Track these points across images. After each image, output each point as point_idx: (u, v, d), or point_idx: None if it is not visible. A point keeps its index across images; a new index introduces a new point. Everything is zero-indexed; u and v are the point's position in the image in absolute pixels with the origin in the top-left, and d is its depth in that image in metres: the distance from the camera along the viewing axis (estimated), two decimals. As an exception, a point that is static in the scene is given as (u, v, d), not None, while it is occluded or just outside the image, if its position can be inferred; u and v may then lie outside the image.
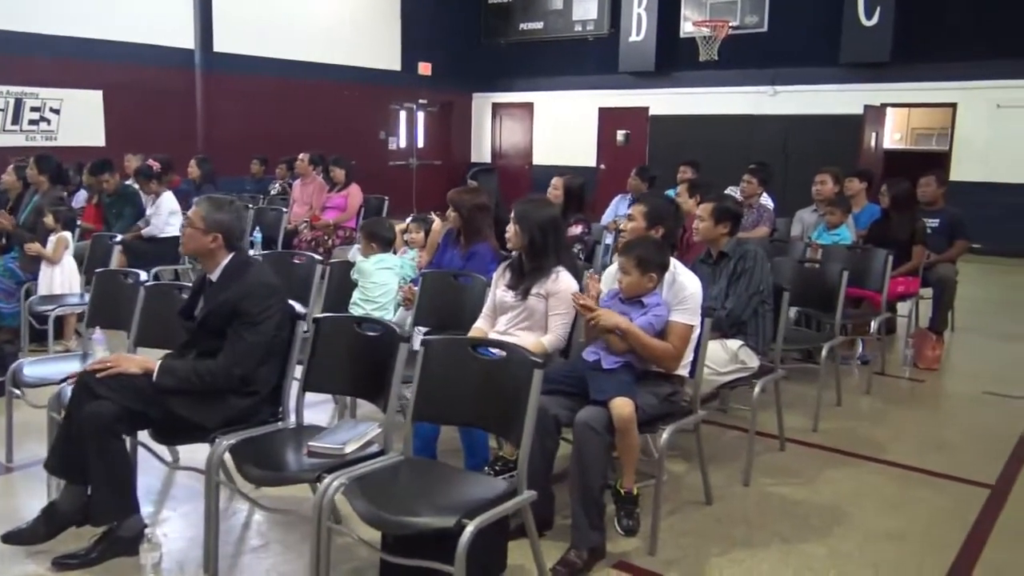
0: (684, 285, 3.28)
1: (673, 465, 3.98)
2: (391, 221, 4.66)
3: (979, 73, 11.76)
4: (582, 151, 15.80)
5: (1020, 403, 5.16)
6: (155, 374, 2.97)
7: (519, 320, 3.58)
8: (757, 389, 3.84)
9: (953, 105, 12.34)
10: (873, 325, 5.40)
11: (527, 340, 3.45)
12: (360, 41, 14.95)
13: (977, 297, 8.40)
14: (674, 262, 3.35)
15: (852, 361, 5.87)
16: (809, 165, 7.15)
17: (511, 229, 3.60)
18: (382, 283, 4.29)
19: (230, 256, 3.14)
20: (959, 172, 12.20)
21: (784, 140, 13.28)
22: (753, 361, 3.93)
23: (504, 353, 2.76)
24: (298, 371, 3.17)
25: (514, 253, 3.68)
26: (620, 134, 15.55)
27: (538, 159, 16.63)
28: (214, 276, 3.14)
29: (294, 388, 3.16)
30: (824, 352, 4.55)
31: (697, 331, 3.31)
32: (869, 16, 12.24)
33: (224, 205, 3.13)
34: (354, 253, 4.77)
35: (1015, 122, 11.74)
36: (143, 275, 3.93)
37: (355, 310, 4.25)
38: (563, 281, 3.51)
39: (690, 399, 3.40)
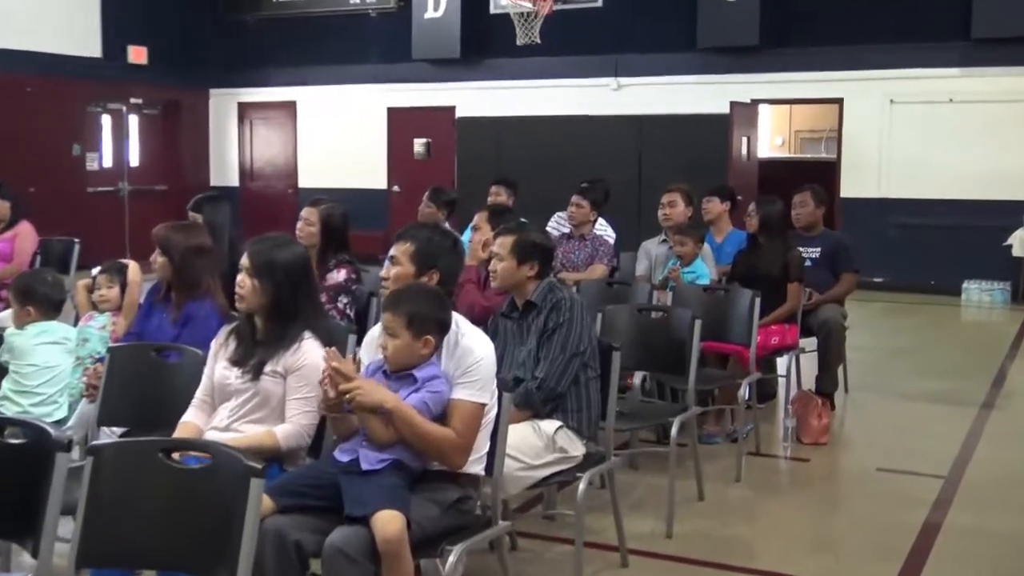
0: (470, 349, 3.34)
1: (477, 600, 4.02)
2: (55, 274, 4.50)
3: (868, 61, 12.86)
4: (368, 168, 15.90)
5: (919, 480, 5.59)
6: None
7: (248, 409, 3.53)
8: (582, 485, 3.94)
9: (839, 101, 13.43)
10: (742, 390, 5.69)
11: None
12: (37, 16, 14.37)
13: (873, 346, 9.09)
14: (457, 319, 3.42)
15: (718, 439, 6.16)
16: (669, 180, 7.54)
17: (245, 282, 3.56)
18: (46, 365, 4.16)
19: None
20: (849, 186, 13.24)
21: (634, 148, 13.87)
22: (577, 448, 4.04)
23: (209, 458, 2.69)
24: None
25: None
26: (419, 144, 15.80)
27: (306, 180, 16.57)
28: None
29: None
30: (674, 430, 4.74)
31: (492, 411, 3.37)
32: (731, -13, 13.10)
33: None
34: (4, 321, 4.58)
35: (912, 121, 12.82)
36: None
37: (6, 407, 4.09)
38: (307, 352, 3.50)
39: (489, 506, 3.45)
